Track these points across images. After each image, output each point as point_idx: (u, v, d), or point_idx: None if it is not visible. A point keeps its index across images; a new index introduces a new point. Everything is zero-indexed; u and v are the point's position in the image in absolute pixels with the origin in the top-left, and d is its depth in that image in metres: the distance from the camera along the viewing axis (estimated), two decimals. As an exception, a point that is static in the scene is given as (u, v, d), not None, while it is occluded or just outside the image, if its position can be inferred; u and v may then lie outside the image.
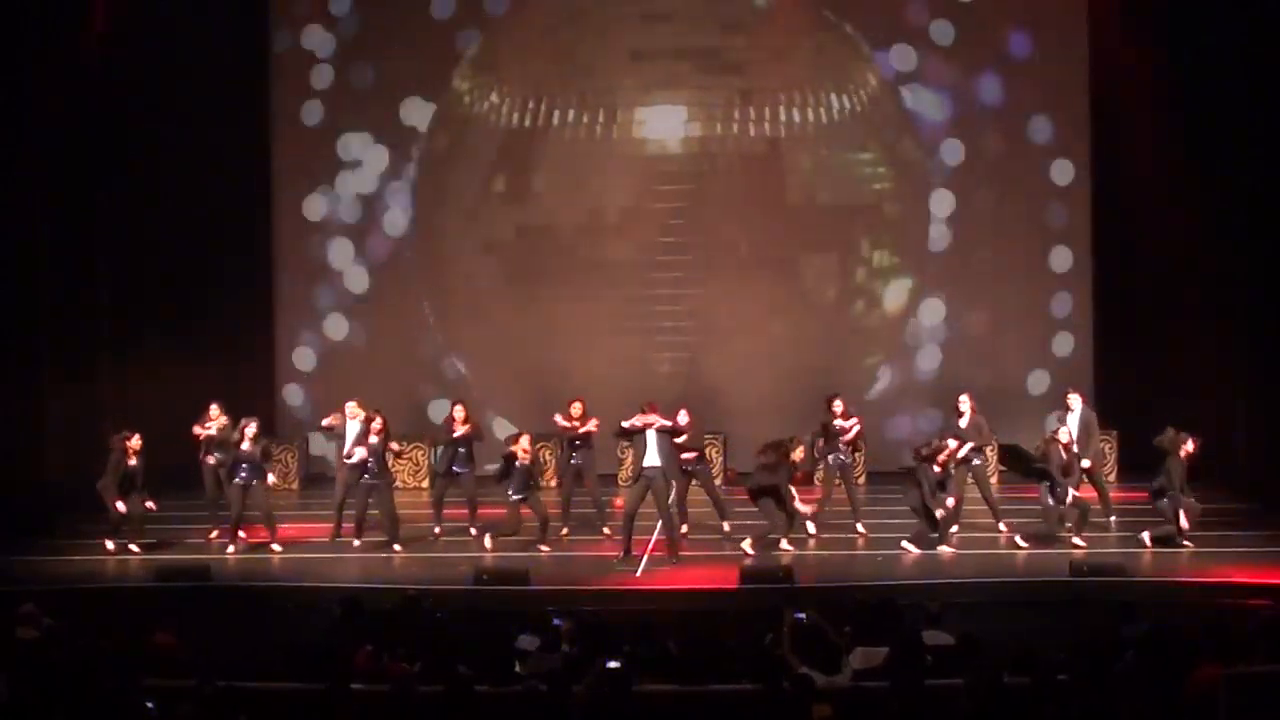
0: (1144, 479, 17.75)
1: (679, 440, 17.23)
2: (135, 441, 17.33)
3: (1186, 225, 20.89)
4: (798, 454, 17.42)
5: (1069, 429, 17.65)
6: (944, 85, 22.62)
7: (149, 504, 17.40)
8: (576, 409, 18.18)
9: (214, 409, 18.36)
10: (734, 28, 22.59)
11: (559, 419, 18.28)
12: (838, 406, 18.30)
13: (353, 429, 17.81)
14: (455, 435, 17.84)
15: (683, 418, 17.60)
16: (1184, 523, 16.70)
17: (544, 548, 17.22)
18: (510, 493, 17.13)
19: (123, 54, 20.57)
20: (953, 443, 17.22)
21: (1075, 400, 18.16)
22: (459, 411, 17.94)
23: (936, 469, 16.79)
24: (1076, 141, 22.51)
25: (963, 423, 17.89)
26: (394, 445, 17.75)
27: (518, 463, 17.11)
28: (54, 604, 13.56)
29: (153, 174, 21.20)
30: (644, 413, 16.69)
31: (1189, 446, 16.73)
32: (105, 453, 17.50)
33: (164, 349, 21.16)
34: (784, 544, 16.99)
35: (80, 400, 20.00)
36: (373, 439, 17.31)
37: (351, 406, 18.03)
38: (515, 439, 17.38)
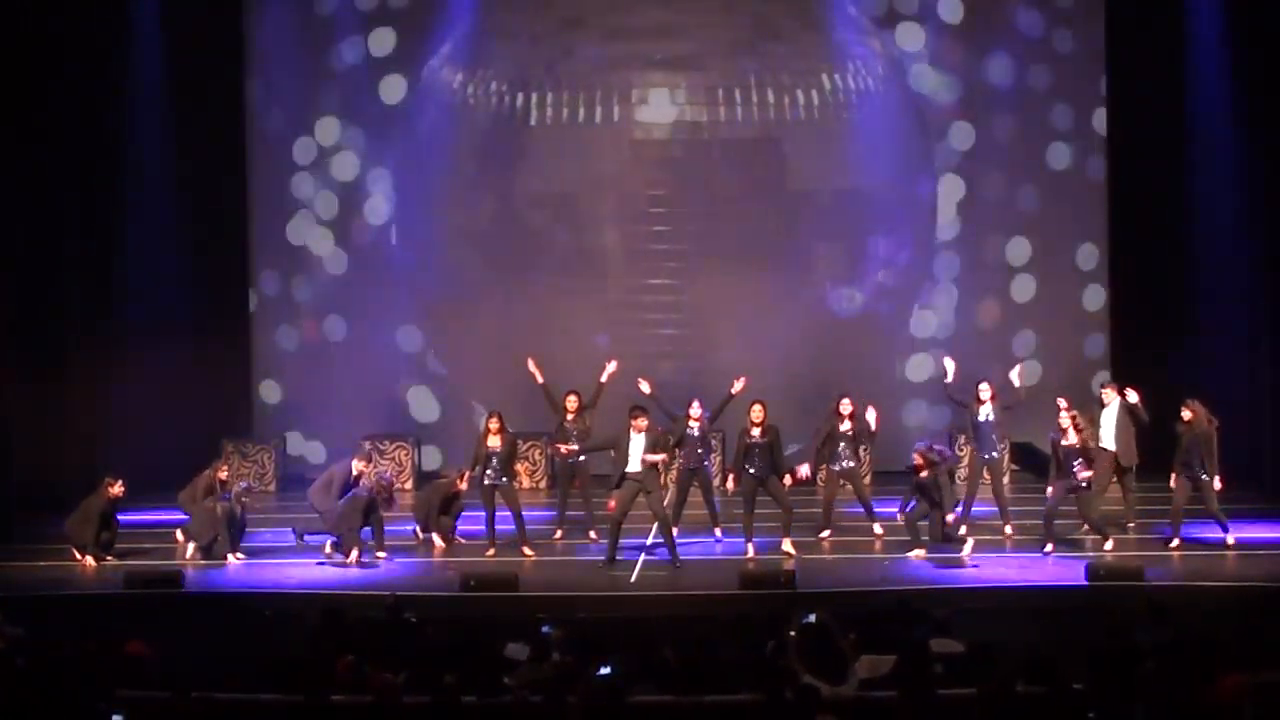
0: (1166, 480, 17.75)
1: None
2: (118, 489, 17.17)
3: (1210, 212, 20.91)
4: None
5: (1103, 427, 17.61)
6: (953, 66, 22.62)
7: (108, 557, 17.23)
8: (572, 402, 18.12)
9: (224, 470, 18.13)
10: (730, 6, 22.57)
11: (532, 364, 18.24)
12: (845, 408, 18.12)
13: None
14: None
15: (695, 409, 17.58)
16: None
17: (528, 550, 17.24)
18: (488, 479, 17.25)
19: (89, 43, 20.54)
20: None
21: (1110, 395, 17.88)
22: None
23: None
24: (1093, 125, 22.51)
25: (984, 411, 17.82)
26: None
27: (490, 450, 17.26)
28: (19, 612, 13.58)
29: (123, 161, 21.18)
30: (633, 417, 16.64)
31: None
32: (71, 454, 17.54)
33: (134, 344, 21.15)
34: (786, 545, 17.02)
35: (46, 399, 19.96)
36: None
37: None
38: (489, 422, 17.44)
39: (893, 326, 22.77)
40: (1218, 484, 16.77)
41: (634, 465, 16.55)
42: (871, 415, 17.87)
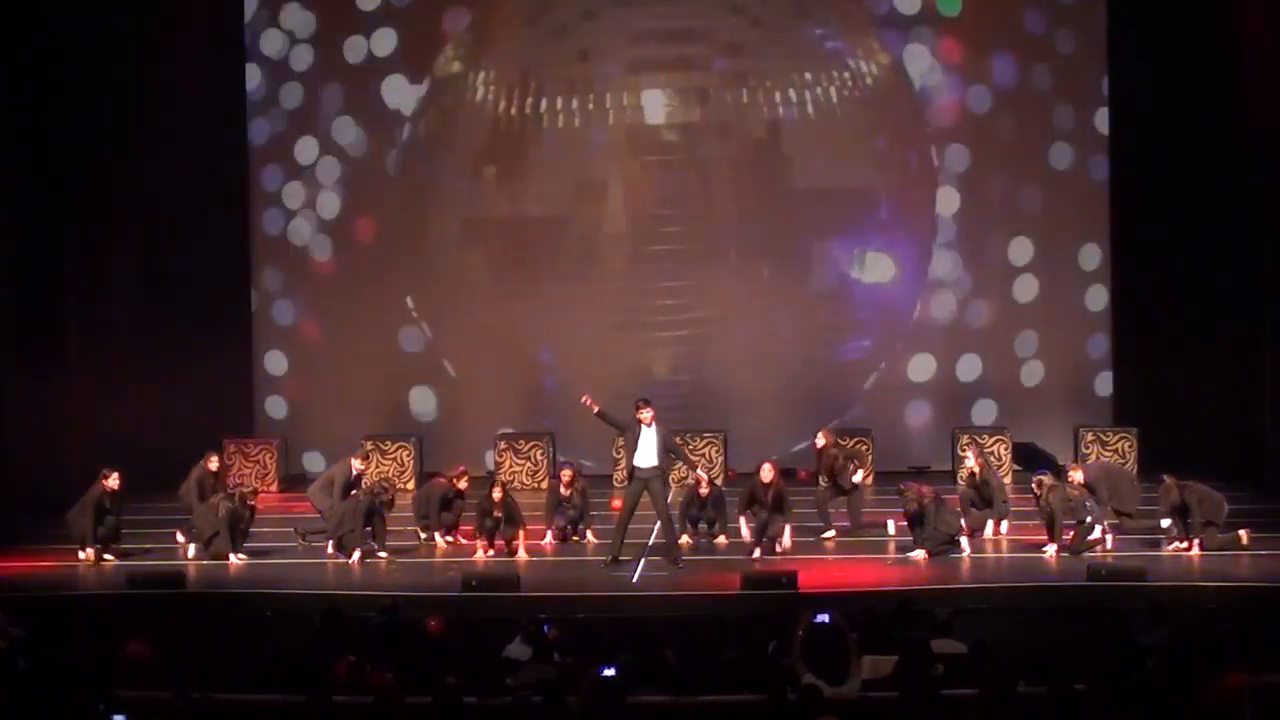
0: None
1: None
2: (113, 480, 17.20)
3: (1211, 213, 20.89)
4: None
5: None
6: (954, 65, 22.61)
7: (110, 555, 17.22)
8: (566, 475, 17.96)
9: (214, 461, 18.23)
10: (733, 6, 22.56)
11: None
12: (819, 441, 18.37)
13: None
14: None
15: (703, 488, 17.80)
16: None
17: (522, 554, 17.27)
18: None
19: (91, 41, 20.53)
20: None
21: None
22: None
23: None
24: (1094, 125, 22.47)
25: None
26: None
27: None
28: (21, 612, 13.59)
29: (123, 162, 21.16)
30: (638, 409, 16.66)
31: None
32: (72, 454, 17.55)
33: (136, 344, 21.15)
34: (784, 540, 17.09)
35: (46, 399, 19.95)
36: None
37: None
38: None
39: (894, 326, 22.73)
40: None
41: (642, 460, 16.53)
42: (859, 475, 18.11)
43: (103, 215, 20.99)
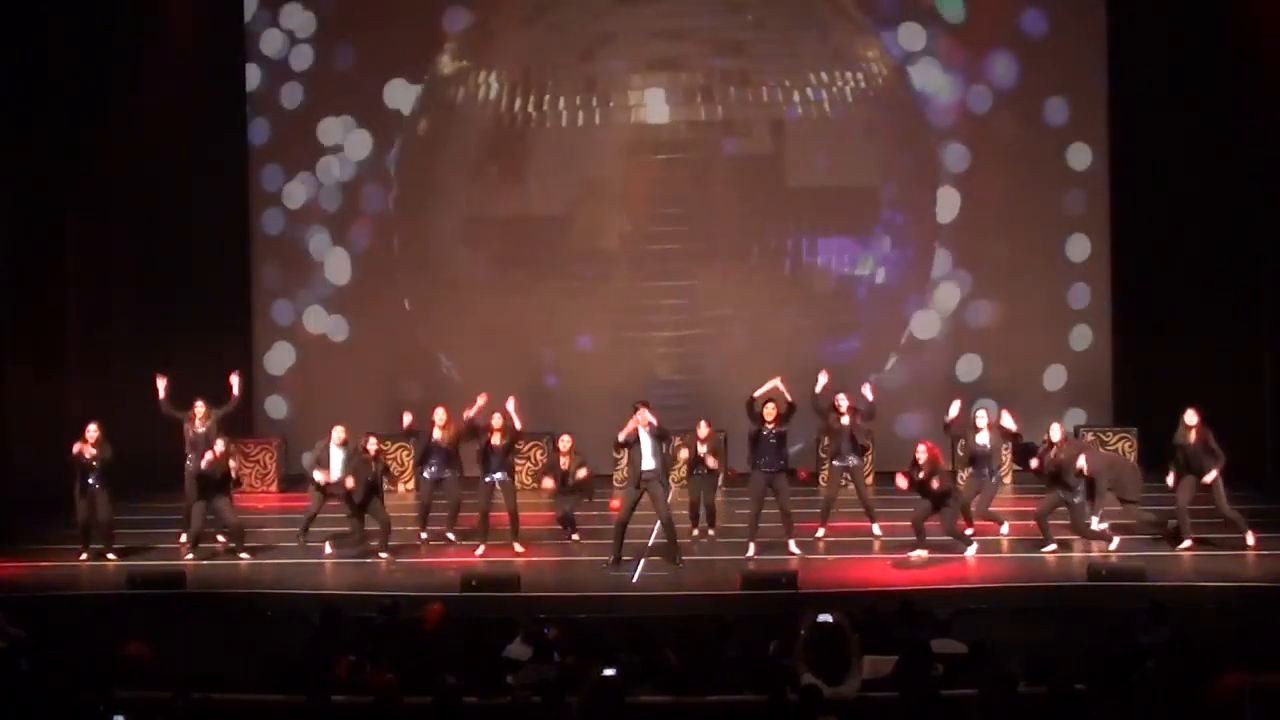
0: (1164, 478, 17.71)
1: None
2: (90, 432, 17.17)
3: (1211, 211, 20.90)
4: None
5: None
6: (954, 65, 22.62)
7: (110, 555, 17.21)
8: (565, 443, 17.92)
9: (199, 406, 18.22)
10: (734, 6, 22.60)
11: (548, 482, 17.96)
12: (842, 403, 18.11)
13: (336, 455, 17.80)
14: (433, 440, 17.77)
15: (702, 429, 17.76)
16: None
17: (518, 547, 17.31)
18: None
19: (92, 40, 20.53)
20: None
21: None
22: (440, 415, 17.82)
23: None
24: (1094, 124, 22.50)
25: (980, 439, 17.72)
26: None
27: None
28: (21, 613, 13.59)
29: (125, 161, 21.17)
30: (635, 411, 16.66)
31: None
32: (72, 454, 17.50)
33: (136, 344, 21.13)
34: (792, 546, 17.01)
35: (46, 400, 19.94)
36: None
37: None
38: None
39: (894, 326, 22.75)
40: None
41: (647, 464, 16.52)
42: (867, 389, 17.96)
43: (102, 215, 20.99)
